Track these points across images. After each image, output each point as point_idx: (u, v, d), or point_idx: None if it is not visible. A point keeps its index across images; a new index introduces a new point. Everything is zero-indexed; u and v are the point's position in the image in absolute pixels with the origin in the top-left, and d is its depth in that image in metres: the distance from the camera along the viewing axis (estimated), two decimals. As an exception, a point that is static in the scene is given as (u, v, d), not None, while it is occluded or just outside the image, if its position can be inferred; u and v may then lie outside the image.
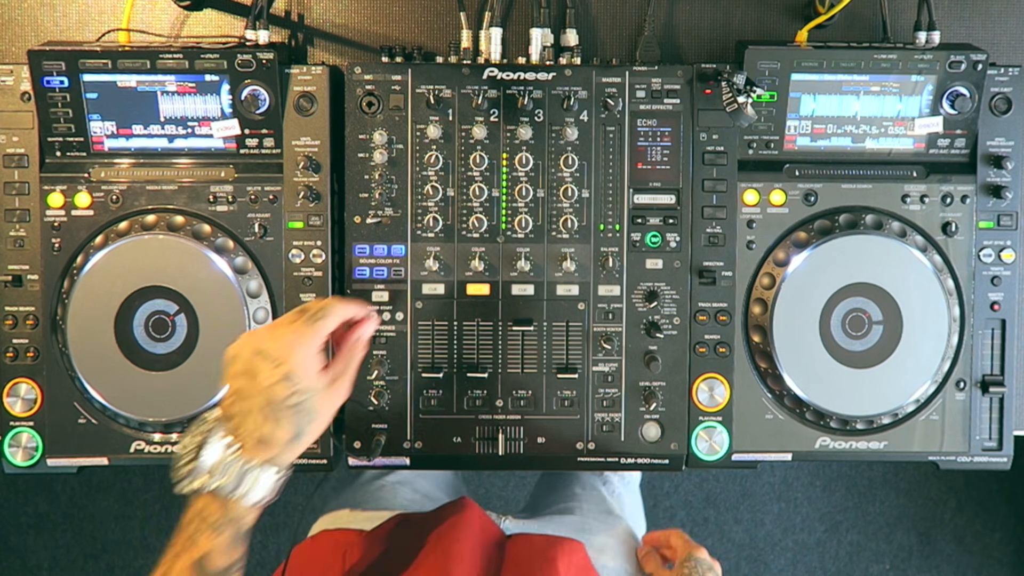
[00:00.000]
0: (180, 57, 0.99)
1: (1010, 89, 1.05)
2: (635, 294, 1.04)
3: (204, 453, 0.77)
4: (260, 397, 0.78)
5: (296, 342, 0.80)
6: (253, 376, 0.78)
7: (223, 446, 0.77)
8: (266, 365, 0.78)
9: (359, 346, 0.90)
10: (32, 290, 1.03)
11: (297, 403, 0.79)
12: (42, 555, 2.03)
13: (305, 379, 0.79)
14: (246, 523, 0.79)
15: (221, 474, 0.76)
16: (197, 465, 0.77)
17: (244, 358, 0.79)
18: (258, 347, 0.79)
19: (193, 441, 0.78)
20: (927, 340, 1.04)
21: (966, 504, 2.15)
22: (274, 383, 0.78)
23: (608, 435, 1.05)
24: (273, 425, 0.78)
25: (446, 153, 1.03)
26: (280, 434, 0.79)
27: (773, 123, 1.05)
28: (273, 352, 0.79)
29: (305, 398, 0.80)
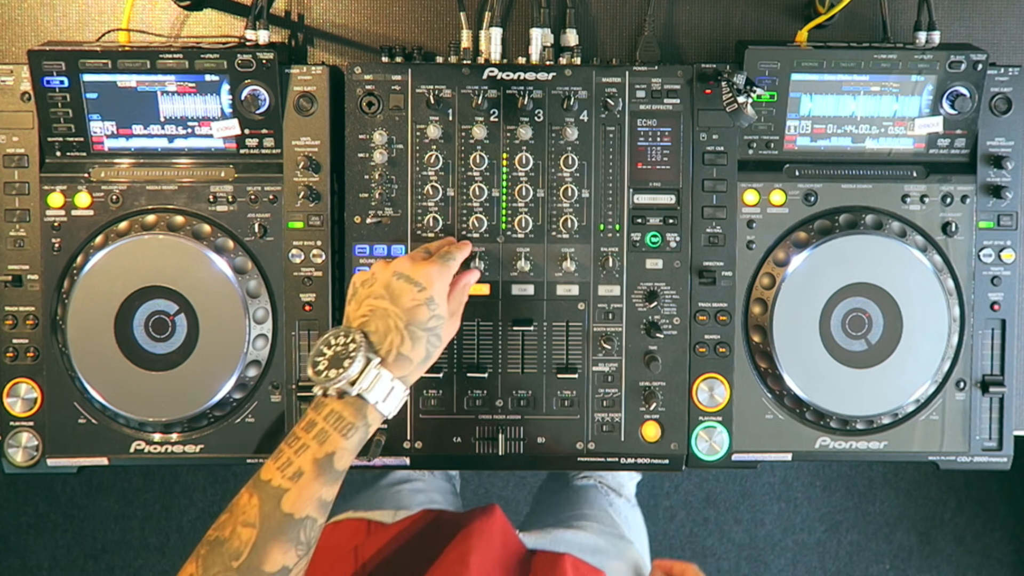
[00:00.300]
0: (180, 57, 0.99)
1: (1010, 89, 1.05)
2: (635, 294, 1.04)
3: (347, 364, 0.81)
4: (402, 317, 0.85)
5: (437, 272, 0.89)
6: (396, 297, 0.86)
7: (366, 358, 0.82)
8: (410, 288, 0.86)
9: (467, 289, 0.98)
10: (32, 290, 1.03)
11: (434, 327, 0.87)
12: (42, 555, 2.03)
13: (442, 305, 0.88)
14: (370, 432, 0.84)
15: (364, 382, 0.82)
16: (343, 372, 0.81)
17: (384, 281, 0.87)
18: (400, 272, 0.87)
19: (336, 349, 0.83)
20: (927, 340, 1.04)
21: (966, 504, 2.15)
22: (417, 305, 0.86)
23: (608, 435, 1.04)
24: (411, 344, 0.85)
25: (446, 153, 1.03)
26: (416, 353, 0.86)
27: (773, 123, 1.05)
28: (417, 278, 0.87)
29: (440, 323, 0.88)
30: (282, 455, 0.81)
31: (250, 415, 1.04)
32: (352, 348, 0.82)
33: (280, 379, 1.04)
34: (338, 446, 0.81)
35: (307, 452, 0.80)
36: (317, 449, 0.80)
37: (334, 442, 0.81)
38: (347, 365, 0.81)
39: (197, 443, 1.04)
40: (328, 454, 0.81)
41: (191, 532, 2.03)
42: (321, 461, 0.80)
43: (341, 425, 0.81)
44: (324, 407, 0.82)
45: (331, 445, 0.81)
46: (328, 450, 0.81)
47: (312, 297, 1.03)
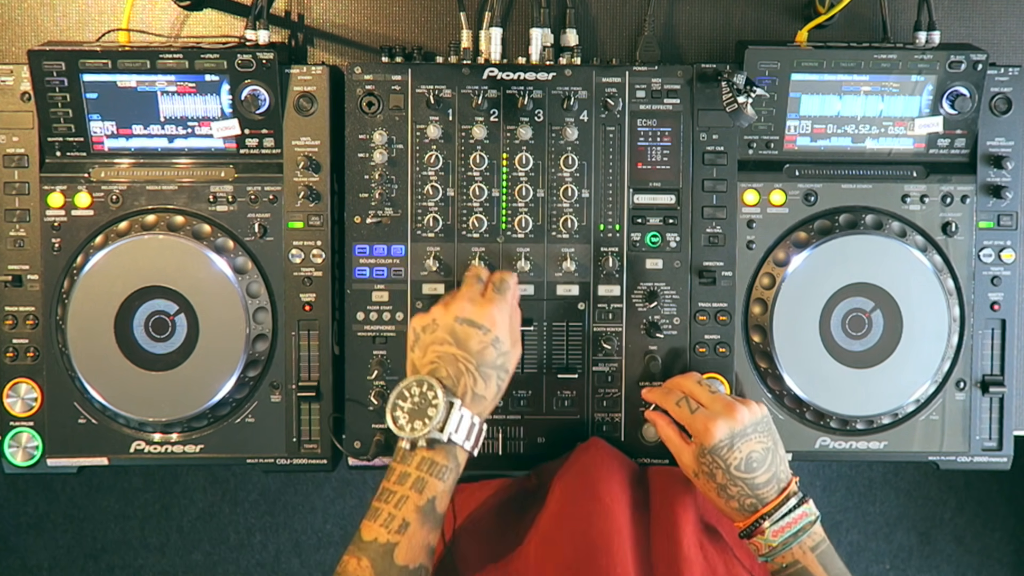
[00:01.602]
0: (180, 57, 0.99)
1: (1010, 89, 1.05)
2: (635, 294, 1.04)
3: (432, 412, 0.84)
4: (472, 360, 0.88)
5: (498, 311, 0.91)
6: (463, 342, 0.88)
7: (448, 403, 0.84)
8: (476, 332, 0.88)
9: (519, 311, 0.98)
10: (32, 290, 1.03)
11: (502, 363, 0.90)
12: (42, 555, 2.03)
13: (506, 342, 0.90)
14: (460, 470, 0.86)
15: (451, 427, 0.84)
16: (430, 422, 0.83)
17: (447, 326, 0.89)
18: (462, 316, 0.89)
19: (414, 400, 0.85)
20: (927, 340, 1.04)
21: (966, 504, 2.15)
22: (485, 347, 0.88)
23: (608, 435, 1.04)
24: (483, 383, 0.88)
25: (446, 153, 1.03)
26: (489, 391, 0.89)
27: (773, 123, 1.05)
28: (481, 321, 0.89)
29: (506, 358, 0.90)
30: (380, 512, 0.82)
31: (250, 415, 1.04)
32: (432, 397, 0.84)
33: (280, 379, 1.04)
34: (437, 490, 0.84)
35: (408, 503, 0.82)
36: (418, 498, 0.83)
37: (432, 487, 0.83)
38: (432, 415, 0.84)
39: (197, 443, 1.04)
40: (429, 499, 0.83)
41: (191, 532, 2.03)
42: (424, 508, 0.83)
43: (436, 470, 0.84)
44: (413, 457, 0.84)
45: (431, 491, 0.83)
46: (429, 496, 0.83)
47: (312, 297, 1.03)
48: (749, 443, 0.89)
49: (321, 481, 2.03)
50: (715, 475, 0.90)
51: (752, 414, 0.91)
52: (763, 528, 0.87)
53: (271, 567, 2.03)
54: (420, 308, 1.03)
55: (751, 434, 0.90)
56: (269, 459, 1.04)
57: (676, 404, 0.95)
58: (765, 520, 0.87)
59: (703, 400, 0.94)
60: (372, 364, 1.03)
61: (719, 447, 0.89)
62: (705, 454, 0.90)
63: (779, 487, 0.89)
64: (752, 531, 0.88)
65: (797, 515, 0.87)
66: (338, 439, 1.04)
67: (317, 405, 1.04)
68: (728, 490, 0.89)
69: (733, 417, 0.90)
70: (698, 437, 0.91)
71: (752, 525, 0.88)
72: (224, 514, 2.04)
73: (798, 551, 0.87)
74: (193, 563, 2.03)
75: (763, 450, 0.90)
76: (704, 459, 0.90)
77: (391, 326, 1.03)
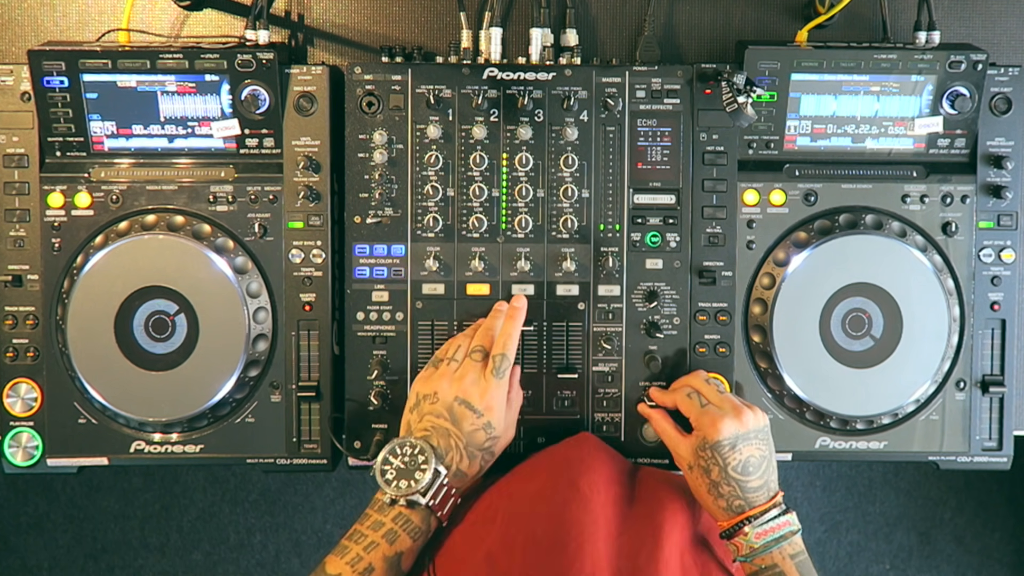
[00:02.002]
0: (180, 57, 0.99)
1: (1010, 89, 1.05)
2: (635, 294, 1.04)
3: (419, 476, 0.87)
4: (462, 439, 0.91)
5: (495, 397, 0.93)
6: (457, 421, 0.91)
7: (435, 472, 0.87)
8: (470, 415, 0.91)
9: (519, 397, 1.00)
10: (32, 290, 1.03)
11: (489, 447, 0.93)
12: (42, 555, 2.03)
13: (499, 427, 0.93)
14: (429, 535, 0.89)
15: (433, 495, 0.87)
16: (415, 484, 0.86)
17: (447, 404, 0.92)
18: (460, 397, 0.92)
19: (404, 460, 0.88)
20: (927, 340, 1.04)
21: (966, 504, 2.15)
22: (476, 430, 0.91)
23: (608, 435, 1.04)
24: (468, 462, 0.91)
25: (446, 153, 1.03)
26: (471, 470, 0.92)
27: (773, 123, 1.05)
28: (476, 404, 0.92)
29: (494, 442, 0.93)
30: (348, 550, 0.85)
31: (250, 415, 1.04)
32: (422, 461, 0.87)
33: (280, 379, 1.04)
34: (406, 547, 0.86)
35: (377, 550, 0.85)
36: (387, 548, 0.85)
37: (403, 543, 0.86)
38: (419, 478, 0.86)
39: (197, 443, 1.04)
40: (397, 553, 0.85)
41: (191, 532, 2.03)
42: (391, 559, 0.85)
43: (410, 528, 0.86)
44: (390, 511, 0.87)
45: (400, 545, 0.85)
46: (398, 549, 0.85)
47: (312, 297, 1.03)
48: (750, 447, 0.90)
49: (321, 481, 2.03)
50: (710, 471, 0.90)
51: (757, 420, 0.92)
52: (745, 531, 0.88)
53: (271, 567, 2.03)
54: (420, 308, 1.03)
55: (753, 439, 0.91)
56: (269, 459, 1.04)
57: (687, 396, 0.96)
58: (749, 523, 0.89)
59: (712, 398, 0.95)
60: (372, 364, 1.03)
61: (722, 445, 0.90)
62: (706, 449, 0.91)
63: (768, 495, 0.90)
64: (734, 532, 0.89)
65: (781, 522, 0.89)
66: (338, 439, 1.04)
67: (317, 405, 1.04)
68: (720, 488, 0.90)
69: (740, 419, 0.91)
70: (702, 431, 0.92)
71: (735, 526, 0.89)
72: (224, 514, 2.04)
73: (778, 555, 0.88)
74: (193, 563, 2.03)
75: (760, 457, 0.91)
76: (703, 454, 0.91)
77: (391, 326, 1.03)
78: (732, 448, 0.90)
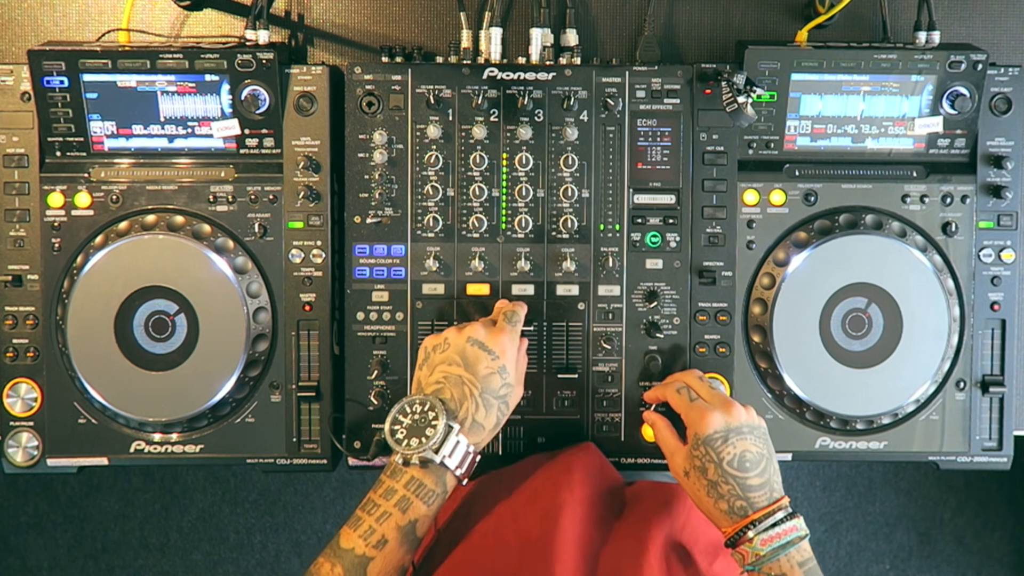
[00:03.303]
0: (180, 57, 0.99)
1: (1010, 89, 1.05)
2: (635, 294, 1.04)
3: (430, 432, 0.83)
4: (477, 385, 0.87)
5: (509, 340, 0.91)
6: (471, 365, 0.88)
7: (447, 426, 0.84)
8: (484, 356, 0.88)
9: (525, 357, 0.99)
10: (32, 290, 1.03)
11: (504, 395, 0.89)
12: (42, 555, 2.03)
13: (512, 374, 0.90)
14: (447, 498, 0.86)
15: (446, 450, 0.83)
16: (426, 441, 0.83)
17: (458, 347, 0.88)
18: (472, 337, 0.89)
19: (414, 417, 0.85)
20: (927, 340, 1.04)
21: (966, 504, 2.15)
22: (491, 373, 0.88)
23: (608, 435, 1.04)
24: (484, 411, 0.87)
25: (446, 153, 1.03)
26: (488, 421, 0.88)
27: (773, 123, 1.05)
28: (491, 345, 0.89)
29: (510, 391, 0.90)
30: (362, 522, 0.82)
31: (250, 415, 1.04)
32: (432, 417, 0.84)
33: (280, 379, 1.04)
34: (420, 514, 0.83)
35: (390, 520, 0.82)
36: (400, 517, 0.82)
37: (416, 509, 0.83)
38: (430, 435, 0.83)
39: (197, 443, 1.04)
40: (411, 521, 0.83)
41: (191, 532, 2.03)
42: (404, 528, 0.82)
43: (423, 492, 0.83)
44: (403, 474, 0.84)
45: (414, 512, 0.83)
46: (411, 517, 0.83)
47: (312, 297, 1.03)
48: (744, 442, 0.88)
49: (321, 481, 2.03)
50: (707, 470, 0.88)
51: (749, 416, 0.91)
52: (750, 537, 0.85)
53: (271, 567, 2.03)
54: (420, 308, 1.03)
55: (747, 434, 0.89)
56: (269, 459, 1.04)
57: (676, 391, 0.95)
58: (752, 528, 0.85)
59: (703, 394, 0.94)
60: (372, 364, 1.03)
61: (713, 438, 0.88)
62: (699, 445, 0.89)
63: (771, 497, 0.87)
64: (738, 539, 0.86)
65: (787, 527, 0.85)
66: (338, 439, 1.04)
67: (317, 405, 1.04)
68: (719, 488, 0.88)
69: (730, 412, 0.90)
70: (692, 427, 0.90)
71: (739, 532, 0.86)
72: (224, 514, 2.04)
73: (785, 563, 0.85)
74: (193, 563, 2.03)
75: (758, 454, 0.88)
76: (697, 451, 0.89)
77: (391, 326, 1.03)
78: (724, 441, 0.88)
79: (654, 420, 0.99)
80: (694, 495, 0.91)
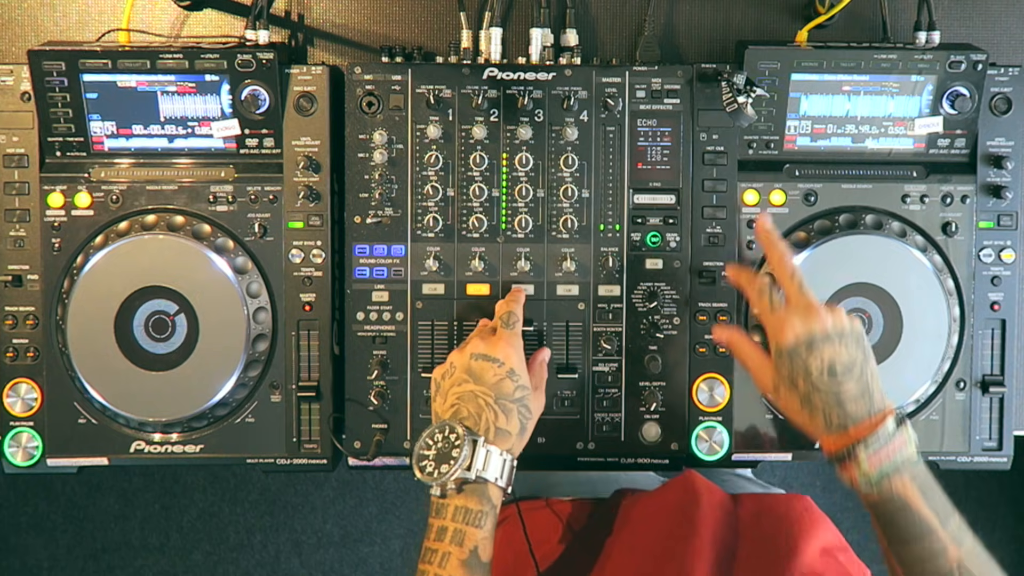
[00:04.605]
0: (180, 57, 0.99)
1: (1010, 89, 1.05)
2: (635, 294, 1.04)
3: (456, 453, 0.82)
4: (490, 394, 0.86)
5: (510, 344, 0.90)
6: (479, 377, 0.87)
7: (472, 440, 0.83)
8: (490, 365, 0.88)
9: (545, 365, 0.99)
10: (32, 290, 1.03)
11: (521, 397, 0.88)
12: (42, 555, 2.03)
13: (523, 376, 0.89)
14: (497, 511, 0.84)
15: (478, 463, 0.82)
16: (455, 463, 0.81)
17: (463, 365, 0.88)
18: (475, 353, 0.89)
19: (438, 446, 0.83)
20: (927, 340, 1.04)
21: (966, 504, 2.15)
22: (501, 379, 0.87)
23: (608, 435, 1.04)
24: (504, 417, 0.86)
25: (446, 153, 1.03)
26: (511, 425, 0.86)
27: (773, 123, 1.05)
28: (493, 354, 0.88)
29: (526, 394, 0.88)
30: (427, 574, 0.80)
31: (250, 415, 1.04)
32: (454, 438, 0.83)
33: (280, 379, 1.04)
34: (477, 539, 0.81)
35: (451, 560, 0.80)
36: (459, 551, 0.80)
37: (472, 537, 0.81)
38: (456, 455, 0.82)
39: (197, 443, 1.04)
40: (471, 551, 0.81)
41: (191, 532, 2.03)
42: (468, 561, 0.80)
43: (471, 517, 0.82)
44: (447, 508, 0.82)
45: (471, 541, 0.81)
46: (470, 547, 0.81)
47: (312, 297, 1.03)
48: (833, 348, 0.81)
49: (321, 481, 2.03)
50: (797, 383, 0.82)
51: (838, 321, 0.83)
52: (858, 455, 0.78)
53: (271, 567, 2.03)
54: (420, 308, 1.03)
55: (836, 340, 0.82)
56: (269, 459, 1.04)
57: (759, 293, 0.89)
58: (860, 447, 0.78)
59: (789, 293, 0.87)
60: (372, 364, 1.03)
61: (797, 349, 0.82)
62: (783, 356, 0.83)
63: (872, 408, 0.80)
64: (845, 457, 0.79)
65: (897, 442, 0.78)
66: (338, 439, 1.04)
67: (317, 405, 1.04)
68: (812, 400, 0.82)
69: (814, 318, 0.83)
70: (774, 338, 0.85)
71: (846, 451, 0.79)
72: (224, 514, 2.04)
73: (898, 483, 0.78)
74: (193, 563, 2.04)
75: (850, 359, 0.81)
76: (782, 363, 0.83)
77: (391, 326, 1.03)
78: (810, 349, 0.81)
79: (730, 335, 0.93)
80: (788, 411, 0.86)
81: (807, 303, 0.85)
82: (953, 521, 0.79)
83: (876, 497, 0.79)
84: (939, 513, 0.78)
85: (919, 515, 0.78)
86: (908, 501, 0.78)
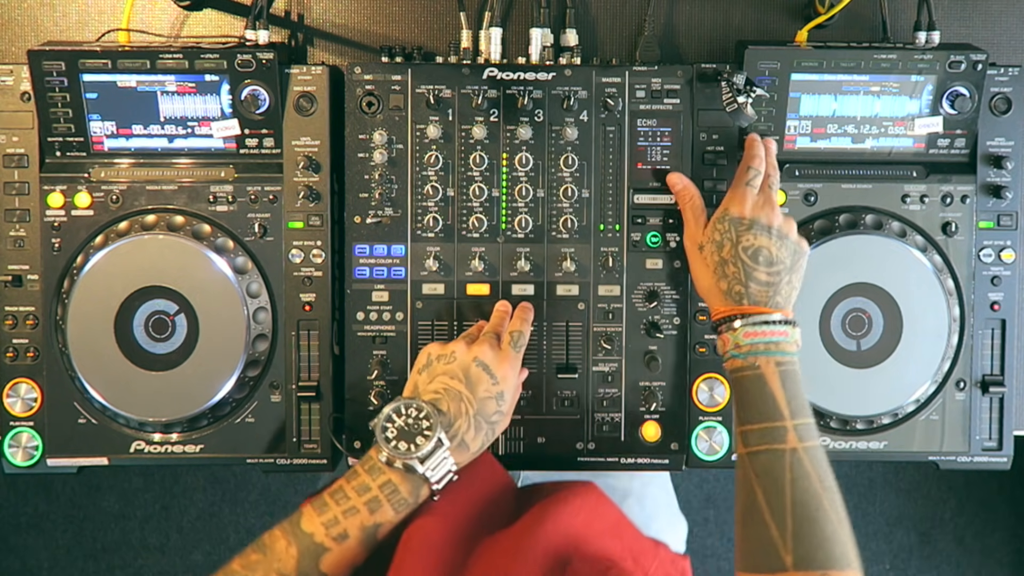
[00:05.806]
0: (180, 57, 0.99)
1: (1010, 89, 1.05)
2: (635, 294, 1.04)
3: (420, 442, 0.82)
4: (474, 405, 0.87)
5: (513, 367, 0.91)
6: (473, 385, 0.87)
7: (437, 441, 0.83)
8: (487, 379, 0.88)
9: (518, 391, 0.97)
10: (32, 290, 1.03)
11: (495, 421, 0.88)
12: (42, 555, 2.03)
13: (509, 401, 0.90)
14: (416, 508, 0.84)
15: (432, 463, 0.82)
16: (415, 449, 0.82)
17: (463, 364, 0.88)
18: (479, 358, 0.89)
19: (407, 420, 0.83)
20: (927, 340, 1.04)
21: (966, 504, 2.15)
22: (489, 398, 0.88)
23: (608, 435, 1.04)
24: (474, 434, 0.87)
25: (446, 153, 1.03)
26: (475, 443, 0.87)
27: (773, 123, 1.05)
28: (495, 370, 0.89)
29: (500, 419, 0.89)
30: (327, 510, 0.81)
31: (250, 415, 1.04)
32: (426, 426, 0.83)
33: (280, 379, 1.04)
34: (387, 519, 0.82)
35: (356, 516, 0.81)
36: (367, 516, 0.81)
37: (384, 514, 0.82)
38: (420, 443, 0.82)
39: (197, 443, 1.04)
40: (376, 524, 0.81)
41: (191, 532, 2.03)
42: (368, 529, 0.81)
43: (395, 499, 0.82)
44: (381, 474, 0.82)
45: (381, 516, 0.81)
46: (377, 520, 0.81)
47: (312, 297, 1.03)
48: (768, 240, 0.91)
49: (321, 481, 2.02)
50: (723, 247, 0.92)
51: (787, 228, 0.93)
52: (735, 326, 0.87)
53: (271, 567, 2.03)
54: (420, 308, 1.03)
55: (775, 236, 0.91)
56: (269, 459, 1.04)
57: (746, 170, 0.96)
58: (741, 319, 0.88)
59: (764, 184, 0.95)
60: (372, 364, 1.03)
61: (740, 220, 0.91)
62: (724, 220, 0.93)
63: (774, 303, 0.89)
64: (724, 324, 0.89)
65: (777, 330, 0.86)
66: (338, 439, 1.04)
67: (317, 405, 1.04)
68: (726, 268, 0.91)
69: (769, 210, 0.93)
70: (728, 202, 0.94)
71: (728, 318, 0.89)
72: (224, 514, 2.04)
73: (763, 360, 0.85)
74: (193, 563, 2.03)
75: (775, 257, 0.90)
76: (720, 227, 0.93)
77: (391, 326, 1.03)
78: (748, 229, 0.91)
79: (685, 184, 1.00)
80: (699, 272, 0.95)
81: (772, 200, 0.94)
82: (805, 421, 0.83)
83: (740, 363, 0.86)
84: (792, 405, 0.84)
85: (773, 396, 0.84)
86: (767, 379, 0.84)
